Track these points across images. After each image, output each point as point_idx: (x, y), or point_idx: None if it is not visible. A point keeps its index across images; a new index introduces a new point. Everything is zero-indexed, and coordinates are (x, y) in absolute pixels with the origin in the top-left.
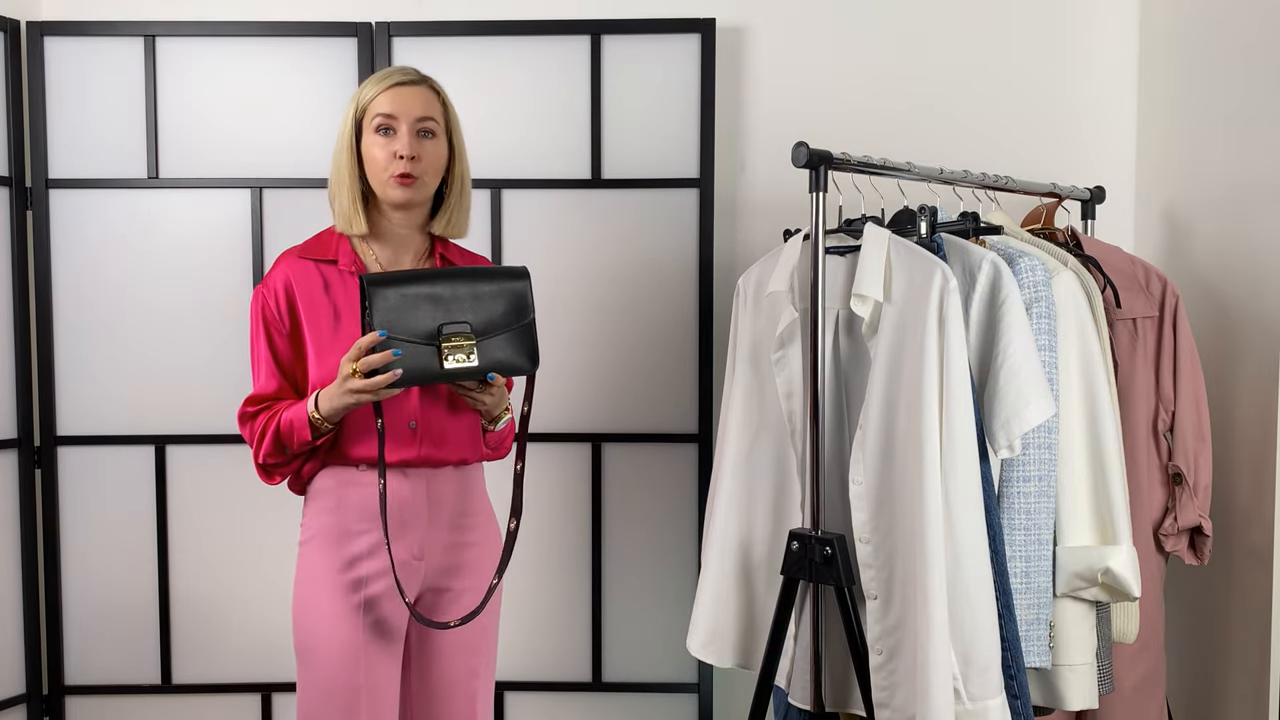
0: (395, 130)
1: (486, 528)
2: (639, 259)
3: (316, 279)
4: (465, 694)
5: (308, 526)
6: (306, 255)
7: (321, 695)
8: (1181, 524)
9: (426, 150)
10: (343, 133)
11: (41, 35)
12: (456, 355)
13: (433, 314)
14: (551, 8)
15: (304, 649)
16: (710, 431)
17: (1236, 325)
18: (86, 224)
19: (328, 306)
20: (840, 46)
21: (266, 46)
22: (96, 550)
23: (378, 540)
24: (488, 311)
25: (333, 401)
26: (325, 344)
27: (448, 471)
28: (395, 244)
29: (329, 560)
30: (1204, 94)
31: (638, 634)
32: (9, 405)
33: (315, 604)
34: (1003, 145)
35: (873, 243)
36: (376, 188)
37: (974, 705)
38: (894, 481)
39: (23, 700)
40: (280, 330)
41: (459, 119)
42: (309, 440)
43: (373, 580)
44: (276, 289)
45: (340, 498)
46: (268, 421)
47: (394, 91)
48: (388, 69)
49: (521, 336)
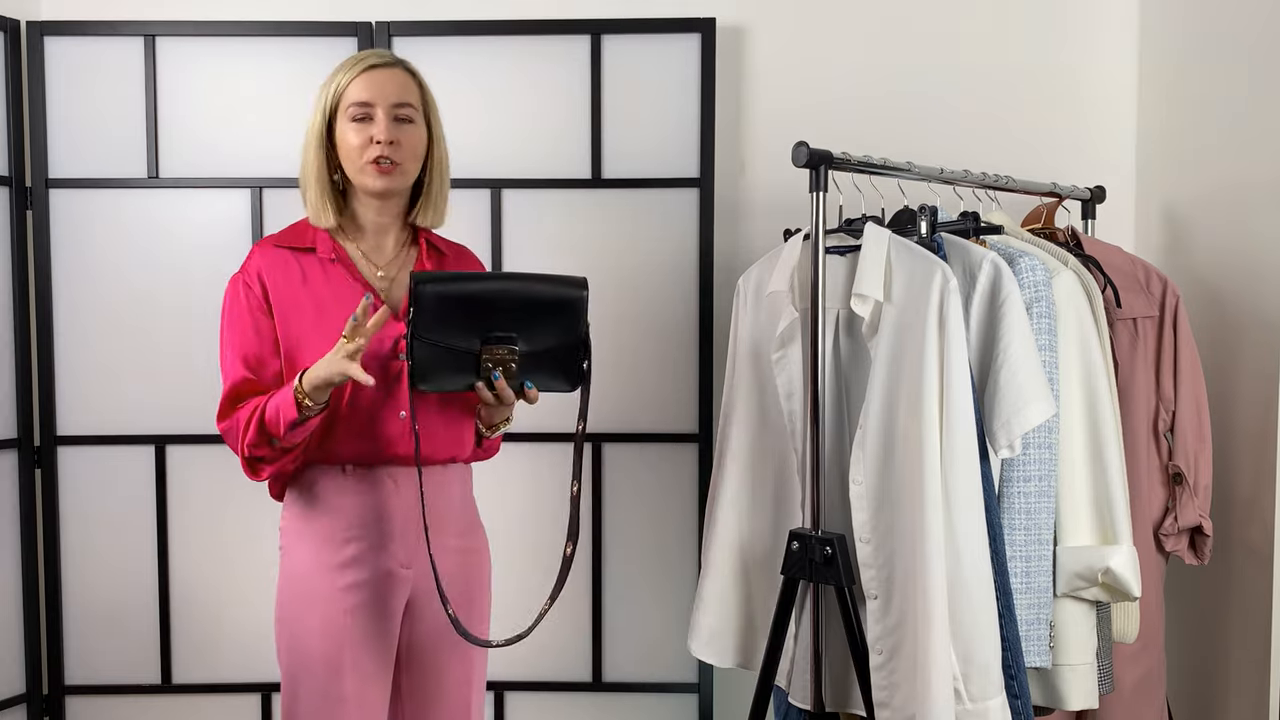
0: (371, 116)
1: (474, 534)
2: (639, 259)
3: (294, 269)
4: (459, 702)
5: (289, 531)
6: (282, 244)
7: (308, 706)
8: (1182, 524)
9: (405, 136)
10: (312, 122)
11: (41, 35)
12: (496, 369)
13: (479, 321)
14: (551, 7)
15: (289, 659)
16: (710, 431)
17: (1236, 325)
18: (86, 224)
19: (306, 297)
20: (840, 46)
21: (266, 46)
22: (96, 550)
23: (366, 547)
24: (537, 323)
25: (318, 372)
26: (308, 335)
27: (439, 472)
28: (375, 233)
29: (314, 568)
30: (1204, 94)
31: (638, 634)
32: (9, 405)
33: (301, 613)
34: (1003, 145)
35: (873, 242)
36: (353, 176)
37: (974, 705)
38: (894, 481)
39: (23, 700)
40: (256, 319)
41: (437, 104)
42: (294, 419)
43: (362, 588)
44: (250, 279)
45: (325, 502)
46: (252, 411)
47: (368, 76)
48: (359, 53)
49: (568, 354)
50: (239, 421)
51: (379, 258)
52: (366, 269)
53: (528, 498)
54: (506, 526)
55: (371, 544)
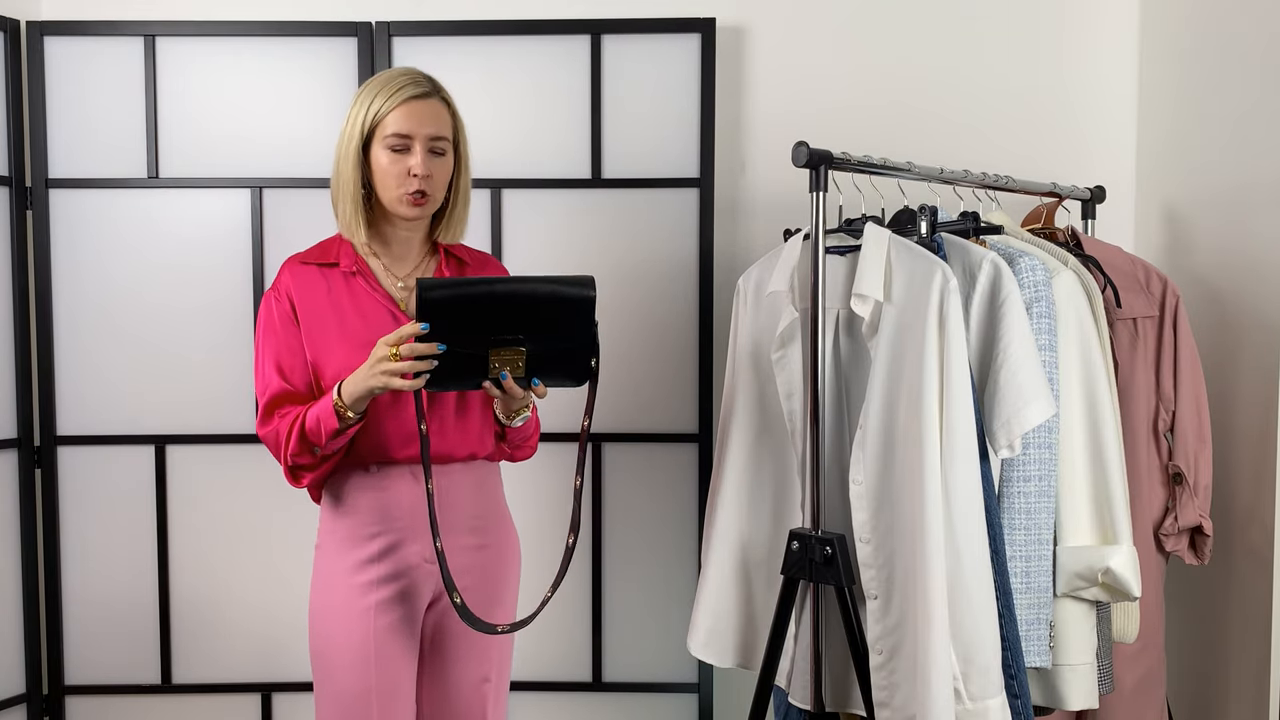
0: (409, 148)
1: (500, 530)
2: (639, 259)
3: (320, 283)
4: (477, 699)
5: (321, 530)
6: (309, 260)
7: (338, 700)
8: (1182, 524)
9: (438, 168)
10: (348, 139)
11: (41, 35)
12: (504, 368)
13: (486, 325)
14: (551, 7)
15: (319, 654)
16: (710, 431)
17: (1236, 325)
18: (86, 224)
19: (330, 308)
20: (840, 46)
21: (266, 46)
22: (96, 550)
23: (391, 542)
24: (542, 323)
25: (357, 384)
26: (332, 345)
27: (458, 470)
28: (398, 246)
29: (341, 564)
30: (1204, 94)
31: (638, 634)
32: (9, 405)
33: (329, 608)
34: (1003, 145)
35: (873, 242)
36: (386, 201)
37: (974, 705)
38: (894, 481)
39: (23, 700)
40: (287, 331)
41: (465, 128)
42: (335, 429)
43: (386, 583)
44: (279, 295)
45: (352, 500)
46: (292, 422)
47: (408, 108)
48: (397, 75)
49: (575, 352)
50: (280, 431)
51: (400, 269)
52: (387, 280)
53: (529, 496)
54: None
55: (395, 539)
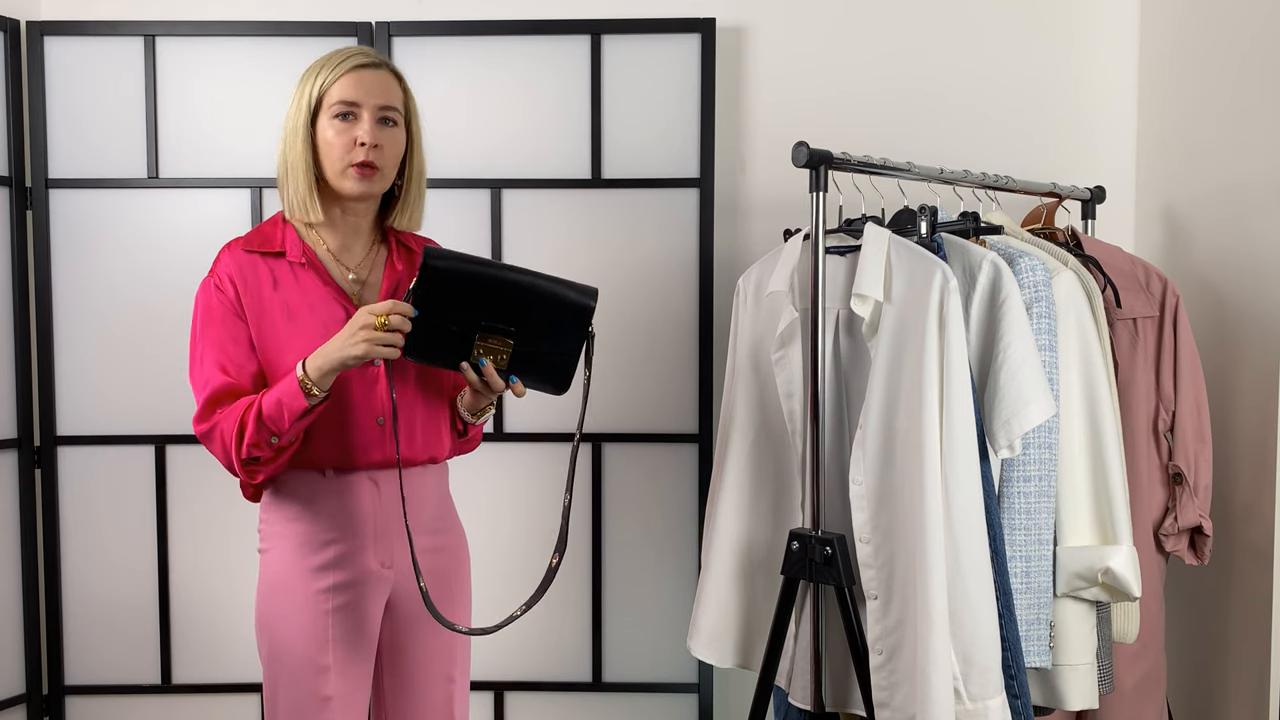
0: (356, 116)
1: (454, 531)
2: (639, 259)
3: (264, 273)
4: (442, 699)
5: (268, 534)
6: (251, 248)
7: (290, 708)
8: (1182, 524)
9: (387, 139)
10: (295, 116)
11: (41, 35)
12: (486, 356)
13: (481, 306)
14: (551, 8)
15: (271, 661)
16: (710, 431)
17: (1236, 325)
18: (86, 224)
19: (278, 303)
20: (840, 46)
21: (266, 46)
22: (96, 550)
23: (347, 549)
24: (537, 321)
25: (329, 356)
26: (282, 341)
27: (418, 472)
28: (346, 231)
29: (293, 569)
30: (1204, 94)
31: (638, 634)
32: (9, 405)
33: (282, 615)
34: (1003, 145)
35: (873, 242)
36: (331, 177)
37: (974, 705)
38: (894, 481)
39: (23, 700)
40: (231, 321)
41: (418, 108)
42: (303, 408)
43: (341, 590)
44: (222, 281)
45: (305, 506)
46: (245, 410)
47: (355, 75)
48: (344, 49)
49: (561, 359)
50: (228, 424)
51: (349, 259)
52: (337, 272)
53: (519, 497)
54: (497, 524)
55: (352, 545)
